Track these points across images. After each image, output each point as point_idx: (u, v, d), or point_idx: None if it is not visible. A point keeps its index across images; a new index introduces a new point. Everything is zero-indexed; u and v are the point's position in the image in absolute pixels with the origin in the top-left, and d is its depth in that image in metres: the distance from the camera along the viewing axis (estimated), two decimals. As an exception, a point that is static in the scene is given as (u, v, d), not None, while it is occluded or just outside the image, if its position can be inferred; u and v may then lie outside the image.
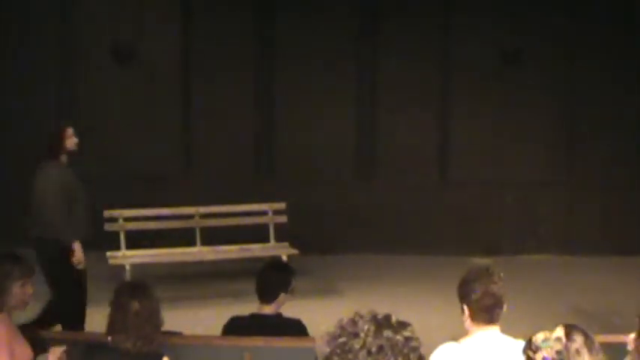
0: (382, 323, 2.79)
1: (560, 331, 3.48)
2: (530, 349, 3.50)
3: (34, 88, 13.82)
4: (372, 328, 2.78)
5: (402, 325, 2.82)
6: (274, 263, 6.95)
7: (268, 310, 6.22)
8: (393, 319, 2.84)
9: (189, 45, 14.08)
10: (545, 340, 3.47)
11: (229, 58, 13.95)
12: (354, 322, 2.82)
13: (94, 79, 13.92)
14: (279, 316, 6.28)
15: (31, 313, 7.56)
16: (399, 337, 2.77)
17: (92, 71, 13.93)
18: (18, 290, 5.30)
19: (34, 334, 5.59)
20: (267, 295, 6.25)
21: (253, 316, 6.26)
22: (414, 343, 2.80)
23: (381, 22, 14.01)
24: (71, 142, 8.60)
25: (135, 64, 13.91)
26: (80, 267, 8.42)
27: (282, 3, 14.07)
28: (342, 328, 2.82)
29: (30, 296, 5.42)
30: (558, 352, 3.42)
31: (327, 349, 2.81)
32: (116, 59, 13.89)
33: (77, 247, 8.35)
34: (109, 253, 11.21)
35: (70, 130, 8.61)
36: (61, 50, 13.98)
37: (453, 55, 13.99)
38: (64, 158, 8.59)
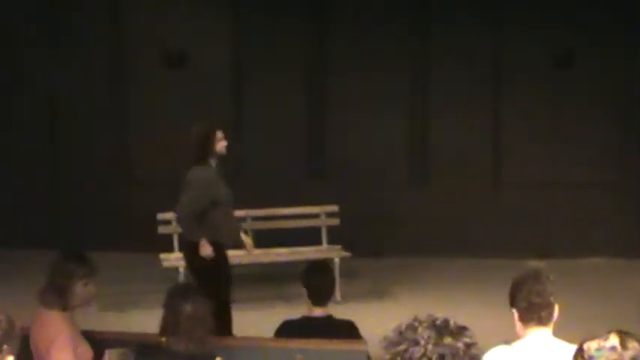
0: (442, 329, 2.75)
1: (614, 340, 3.36)
2: (582, 357, 3.40)
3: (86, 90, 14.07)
4: (433, 335, 2.72)
5: (462, 330, 2.76)
6: (322, 265, 7.00)
7: (319, 312, 6.23)
8: (452, 323, 2.79)
9: (239, 47, 14.14)
10: (599, 349, 3.35)
11: (280, 59, 13.98)
12: (413, 327, 2.76)
13: (144, 82, 14.06)
14: (330, 317, 6.29)
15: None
16: (459, 345, 2.71)
17: (143, 74, 14.06)
18: (81, 289, 5.43)
19: (91, 335, 5.67)
20: (324, 297, 6.27)
21: (305, 319, 6.28)
22: (474, 350, 2.74)
23: (432, 25, 13.95)
24: (221, 145, 8.67)
25: (185, 67, 14.01)
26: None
27: (334, 4, 14.08)
28: (401, 334, 2.76)
29: (93, 295, 5.56)
30: None
31: (387, 356, 2.77)
32: (167, 63, 14.00)
33: (203, 242, 8.40)
34: (162, 256, 11.29)
35: (219, 133, 8.67)
36: (111, 52, 14.18)
37: (505, 57, 13.90)
38: (213, 161, 8.66)
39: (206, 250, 8.41)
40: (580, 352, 3.38)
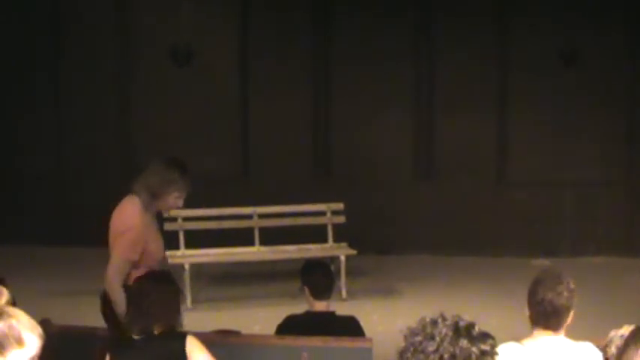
0: (461, 331, 2.79)
1: (625, 330, 3.51)
2: (607, 342, 3.58)
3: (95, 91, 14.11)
4: (450, 333, 2.78)
5: (483, 337, 2.80)
6: (319, 262, 7.15)
7: (322, 307, 6.29)
8: (476, 329, 2.82)
9: (246, 44, 14.16)
10: (617, 335, 3.56)
11: (286, 58, 14.01)
12: (435, 323, 2.82)
13: (151, 78, 14.09)
14: (332, 313, 6.34)
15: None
16: (474, 349, 2.75)
17: (150, 72, 14.09)
18: (173, 200, 5.78)
19: (90, 331, 5.72)
20: (326, 291, 6.35)
21: (308, 314, 6.33)
22: (488, 358, 2.78)
23: (438, 22, 13.95)
24: None
25: (193, 65, 14.03)
26: None
27: (341, 2, 14.08)
28: (422, 326, 2.83)
29: (175, 208, 5.98)
30: (618, 348, 3.45)
31: (403, 343, 2.83)
32: (174, 60, 14.01)
33: None
34: (168, 253, 11.27)
35: None
36: (119, 51, 14.21)
37: (511, 56, 13.89)
38: None
39: None
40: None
